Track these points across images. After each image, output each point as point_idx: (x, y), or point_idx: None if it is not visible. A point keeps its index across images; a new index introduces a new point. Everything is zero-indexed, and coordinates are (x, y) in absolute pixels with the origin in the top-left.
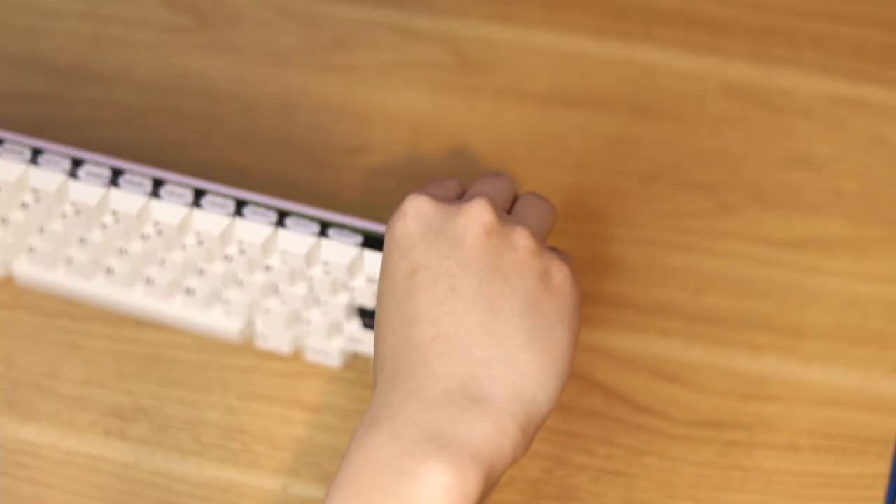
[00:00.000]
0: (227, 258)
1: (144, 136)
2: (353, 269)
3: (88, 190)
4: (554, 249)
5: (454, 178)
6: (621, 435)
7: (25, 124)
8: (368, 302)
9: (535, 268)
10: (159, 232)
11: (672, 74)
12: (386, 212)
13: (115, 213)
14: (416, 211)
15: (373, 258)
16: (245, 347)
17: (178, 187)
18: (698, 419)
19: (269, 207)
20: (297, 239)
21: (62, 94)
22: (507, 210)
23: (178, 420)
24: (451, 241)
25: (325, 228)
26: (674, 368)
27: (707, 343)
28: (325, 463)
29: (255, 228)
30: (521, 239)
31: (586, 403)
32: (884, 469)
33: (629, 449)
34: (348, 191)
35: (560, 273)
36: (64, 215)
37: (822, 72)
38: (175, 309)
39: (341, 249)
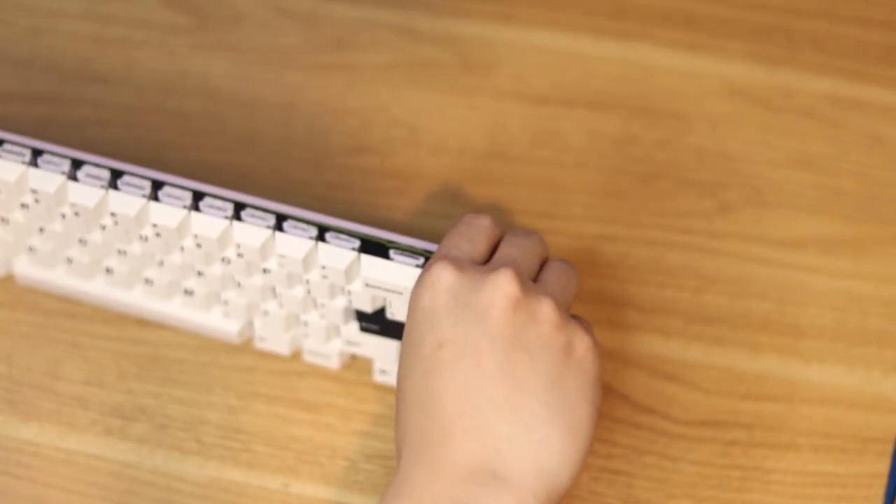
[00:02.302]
0: (225, 261)
1: (145, 136)
2: (350, 273)
3: (87, 192)
4: (576, 318)
5: (486, 218)
6: (621, 434)
7: (27, 124)
8: (365, 306)
9: (558, 341)
10: (157, 234)
11: (672, 74)
12: (385, 210)
13: (113, 215)
14: (443, 283)
15: (369, 263)
16: (245, 347)
17: (177, 190)
18: (698, 418)
19: (267, 211)
20: (295, 243)
21: (63, 94)
22: (535, 274)
23: (179, 420)
24: (476, 315)
25: (322, 233)
26: (673, 368)
27: (706, 342)
28: (325, 462)
29: (252, 232)
30: (546, 311)
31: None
32: (883, 468)
33: (629, 448)
34: (348, 191)
35: (583, 345)
36: (63, 216)
37: (821, 72)
38: (174, 309)
39: (338, 254)
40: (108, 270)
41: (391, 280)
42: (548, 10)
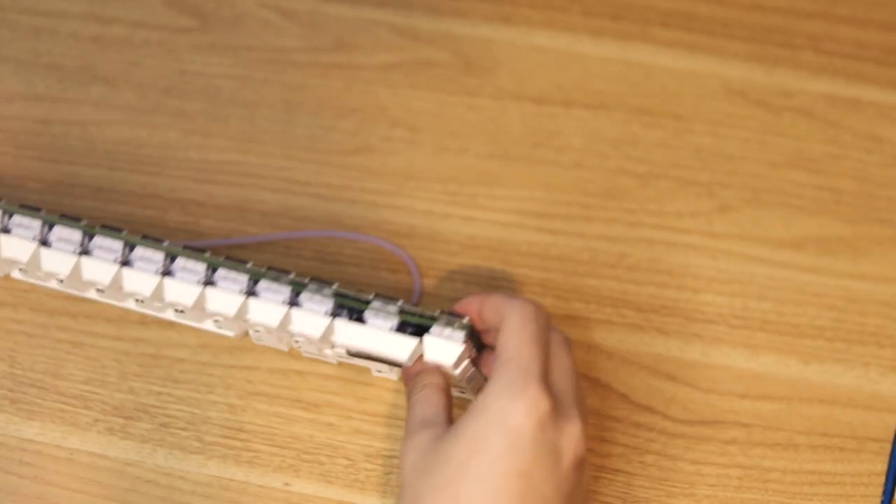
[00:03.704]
0: (207, 312)
1: (147, 135)
2: (325, 337)
3: (60, 259)
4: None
5: (544, 314)
6: (620, 433)
7: (29, 125)
8: (348, 356)
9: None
10: (136, 300)
11: (671, 74)
12: (385, 210)
13: (88, 280)
14: (538, 412)
15: (343, 329)
16: (246, 346)
17: (150, 251)
18: (696, 418)
19: (240, 271)
20: (268, 310)
21: (65, 94)
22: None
23: (180, 419)
24: (553, 459)
25: (296, 294)
26: (672, 367)
27: (705, 342)
28: (326, 461)
29: (226, 299)
30: (588, 472)
31: (585, 402)
32: (881, 467)
33: (628, 447)
34: (348, 191)
35: None
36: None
37: (820, 72)
38: (170, 317)
39: (312, 321)
40: (99, 290)
41: (367, 347)
42: (547, 11)
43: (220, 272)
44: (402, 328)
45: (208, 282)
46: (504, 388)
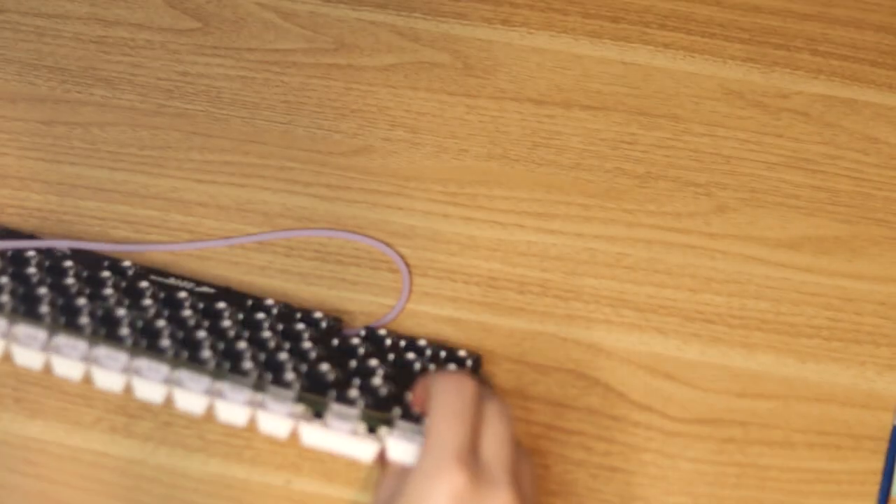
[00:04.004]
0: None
1: (149, 136)
2: (293, 437)
3: (28, 356)
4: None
5: (471, 385)
6: (619, 432)
7: (32, 126)
8: None
9: None
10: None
11: (669, 75)
12: (385, 210)
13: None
14: (453, 490)
15: (308, 432)
16: None
17: (114, 352)
18: (694, 416)
19: (203, 373)
20: (235, 411)
21: (68, 95)
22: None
23: (183, 417)
24: None
25: (259, 393)
26: (670, 366)
27: (703, 341)
28: (327, 459)
29: (193, 400)
30: None
31: (584, 401)
32: (877, 465)
33: (626, 445)
34: (348, 191)
35: None
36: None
37: (817, 73)
38: None
39: (277, 423)
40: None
41: (331, 448)
42: (547, 13)
43: (184, 373)
44: (363, 429)
45: (175, 382)
46: (421, 472)
